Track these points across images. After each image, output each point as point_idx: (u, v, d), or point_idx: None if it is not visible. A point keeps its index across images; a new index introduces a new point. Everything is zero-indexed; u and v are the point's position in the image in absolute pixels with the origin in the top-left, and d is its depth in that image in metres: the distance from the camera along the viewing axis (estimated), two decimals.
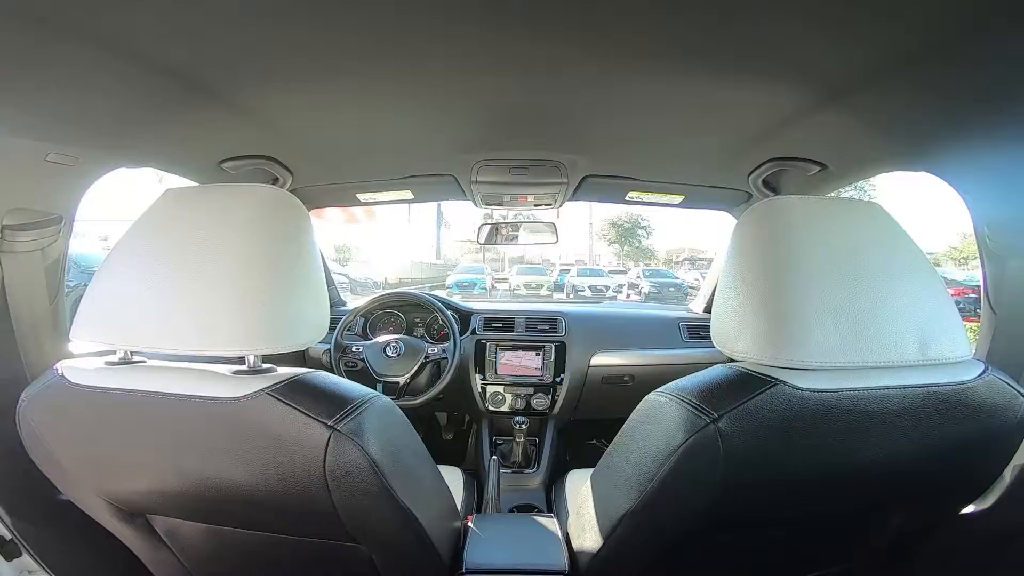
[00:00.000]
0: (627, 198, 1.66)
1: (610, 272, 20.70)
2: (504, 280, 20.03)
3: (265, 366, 0.70)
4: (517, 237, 2.02)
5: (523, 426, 1.75)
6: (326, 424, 0.60)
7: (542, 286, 17.05)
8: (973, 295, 10.23)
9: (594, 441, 2.56)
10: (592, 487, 0.89)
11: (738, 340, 0.67)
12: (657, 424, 0.69)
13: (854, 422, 0.63)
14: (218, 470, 0.65)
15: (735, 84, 0.91)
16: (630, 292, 17.89)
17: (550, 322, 2.01)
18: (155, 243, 0.65)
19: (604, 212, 30.85)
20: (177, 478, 0.67)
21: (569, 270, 20.25)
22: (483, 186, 1.45)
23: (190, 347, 0.62)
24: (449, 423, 2.52)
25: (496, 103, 1.03)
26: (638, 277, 18.76)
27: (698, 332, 2.04)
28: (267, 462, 0.62)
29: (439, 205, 36.23)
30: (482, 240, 2.01)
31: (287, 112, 1.06)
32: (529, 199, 1.57)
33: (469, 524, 1.00)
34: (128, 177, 1.46)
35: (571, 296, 16.67)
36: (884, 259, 0.65)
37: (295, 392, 0.63)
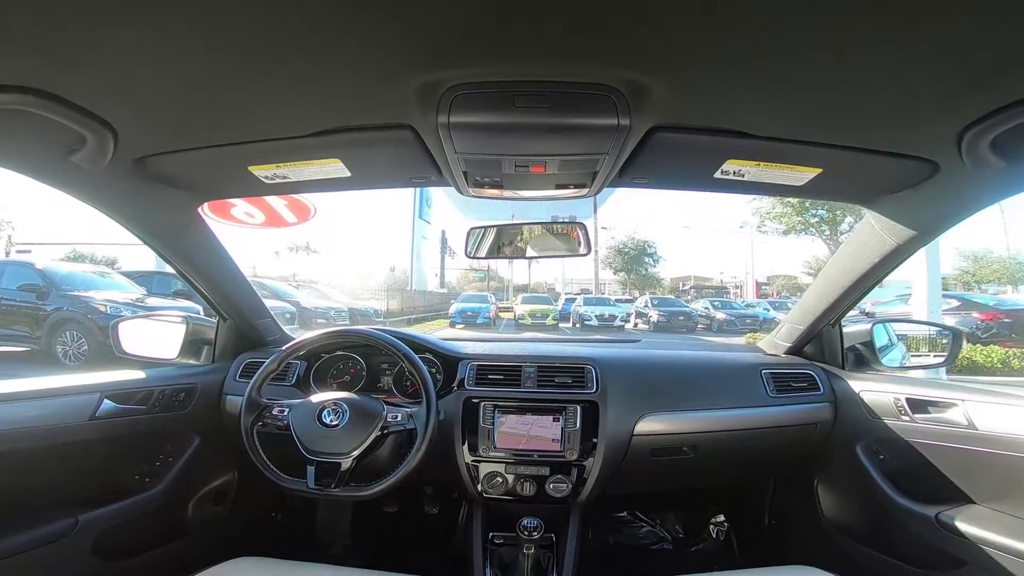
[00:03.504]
0: (718, 175, 0.99)
1: (616, 301, 20.32)
2: (509, 310, 19.65)
3: None
4: (525, 247, 1.37)
5: (535, 533, 1.15)
6: None
7: (548, 315, 16.62)
8: (1007, 319, 9.66)
9: (624, 514, 2.00)
10: None
11: None
12: None
13: None
14: None
15: None
16: (638, 321, 17.59)
17: (575, 372, 1.40)
18: None
19: (608, 238, 30.48)
20: None
21: (575, 299, 19.90)
22: (465, 136, 0.81)
23: None
24: (436, 493, 1.91)
25: None
26: (646, 305, 18.60)
27: (788, 383, 1.43)
28: None
29: (443, 232, 35.83)
30: (475, 251, 1.36)
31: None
32: (549, 170, 0.92)
33: None
34: None
35: (577, 326, 16.29)
36: None
37: None
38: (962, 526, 1.11)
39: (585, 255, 1.34)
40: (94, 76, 0.67)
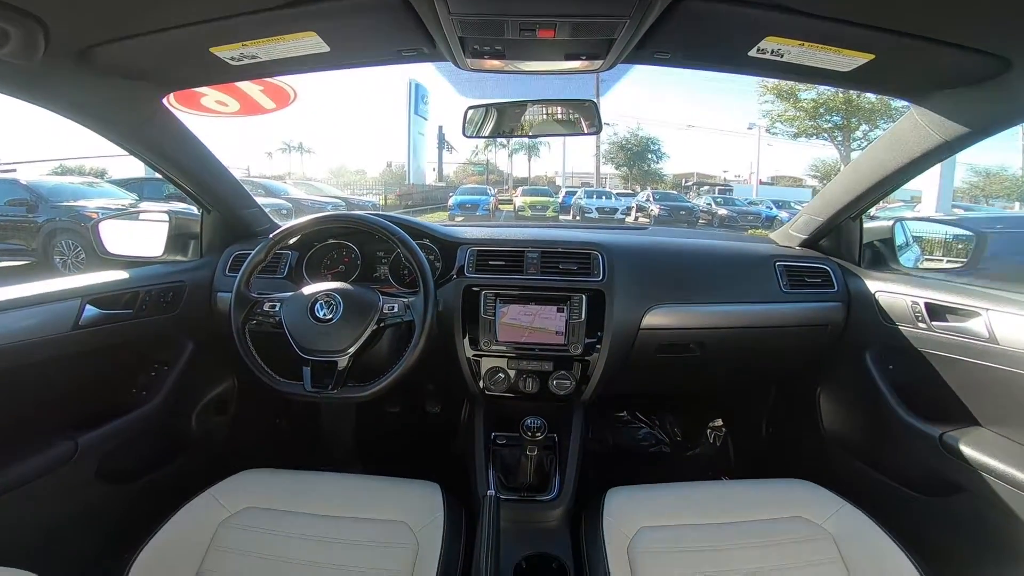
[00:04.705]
0: (754, 53, 0.85)
1: (618, 195, 19.98)
2: (508, 201, 19.33)
3: None
4: (529, 124, 1.23)
5: (538, 434, 1.11)
6: None
7: (548, 207, 16.39)
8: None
9: (623, 414, 2.00)
10: None
11: None
12: None
13: None
14: None
15: None
16: (638, 215, 17.43)
17: (580, 258, 1.33)
18: None
19: (611, 134, 29.11)
20: None
21: (576, 191, 19.49)
22: None
23: None
24: (437, 390, 1.92)
25: None
26: (647, 199, 18.27)
27: (802, 278, 1.36)
28: None
29: (440, 127, 33.87)
30: (474, 131, 1.24)
31: None
32: (559, 35, 0.79)
33: None
34: None
35: (578, 218, 16.14)
36: None
37: None
38: (965, 450, 1.06)
39: (595, 133, 1.21)
40: None
